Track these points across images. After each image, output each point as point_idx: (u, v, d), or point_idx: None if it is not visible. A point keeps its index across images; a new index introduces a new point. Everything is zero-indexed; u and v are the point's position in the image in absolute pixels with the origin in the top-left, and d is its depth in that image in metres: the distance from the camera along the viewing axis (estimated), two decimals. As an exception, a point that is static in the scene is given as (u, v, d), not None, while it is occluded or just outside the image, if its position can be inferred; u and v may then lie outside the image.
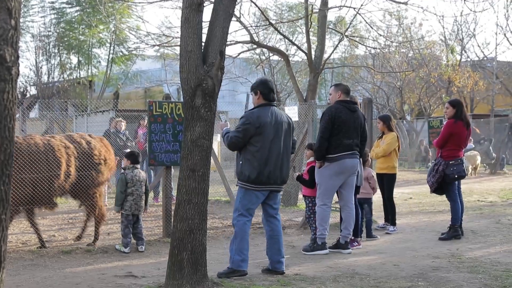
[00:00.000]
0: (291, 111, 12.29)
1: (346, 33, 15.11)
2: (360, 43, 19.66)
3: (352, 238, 8.10)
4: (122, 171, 8.18)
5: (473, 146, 22.22)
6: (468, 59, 32.03)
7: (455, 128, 8.73)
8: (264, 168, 6.38)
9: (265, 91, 6.58)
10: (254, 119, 6.39)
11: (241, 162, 6.46)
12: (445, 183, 8.80)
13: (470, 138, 15.87)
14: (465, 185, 14.67)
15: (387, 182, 9.76)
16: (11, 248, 7.65)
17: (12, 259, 7.21)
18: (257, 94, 6.60)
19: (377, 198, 10.55)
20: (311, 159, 8.21)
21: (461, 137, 8.77)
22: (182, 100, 6.02)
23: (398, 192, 13.76)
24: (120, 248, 7.87)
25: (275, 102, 6.70)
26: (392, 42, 22.40)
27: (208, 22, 5.80)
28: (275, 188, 6.57)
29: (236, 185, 6.62)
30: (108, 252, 7.82)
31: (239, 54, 15.31)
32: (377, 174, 9.98)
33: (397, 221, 9.79)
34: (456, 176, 8.75)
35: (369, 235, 9.02)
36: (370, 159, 9.28)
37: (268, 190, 6.51)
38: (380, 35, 19.25)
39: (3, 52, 3.53)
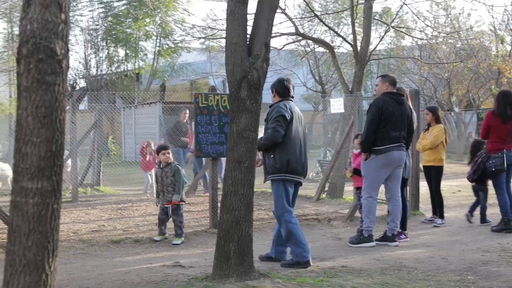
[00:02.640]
0: (337, 103, 12.20)
1: (392, 24, 14.91)
2: (407, 34, 19.34)
3: (399, 230, 8.03)
4: (175, 163, 8.22)
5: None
6: (519, 49, 31.19)
7: (493, 120, 8.58)
8: (299, 157, 6.51)
9: (280, 89, 6.70)
10: (287, 109, 6.50)
11: (272, 156, 6.48)
12: (491, 176, 8.70)
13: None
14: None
15: (434, 175, 9.64)
16: (63, 237, 7.83)
17: (64, 248, 7.39)
18: (273, 93, 6.76)
19: (424, 191, 10.42)
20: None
21: (500, 130, 8.58)
22: (227, 92, 6.04)
23: (446, 185, 13.53)
24: (178, 241, 7.93)
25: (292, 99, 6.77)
26: (439, 32, 21.95)
27: (253, 14, 5.81)
28: (302, 180, 6.71)
29: (266, 180, 6.64)
30: (156, 243, 7.94)
31: (284, 46, 15.25)
32: (424, 167, 9.86)
33: (445, 214, 9.66)
34: (493, 169, 8.62)
35: (483, 220, 9.35)
36: None
37: (297, 182, 6.61)
38: (427, 25, 18.87)
39: (54, 45, 3.61)
